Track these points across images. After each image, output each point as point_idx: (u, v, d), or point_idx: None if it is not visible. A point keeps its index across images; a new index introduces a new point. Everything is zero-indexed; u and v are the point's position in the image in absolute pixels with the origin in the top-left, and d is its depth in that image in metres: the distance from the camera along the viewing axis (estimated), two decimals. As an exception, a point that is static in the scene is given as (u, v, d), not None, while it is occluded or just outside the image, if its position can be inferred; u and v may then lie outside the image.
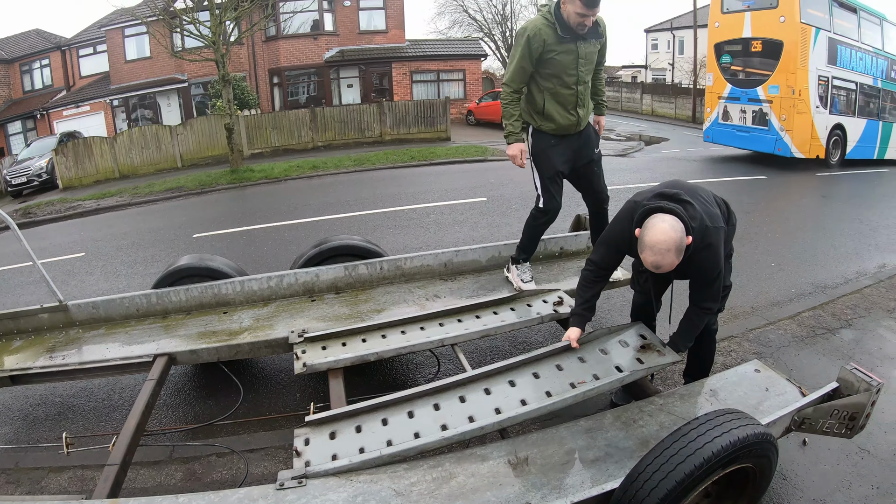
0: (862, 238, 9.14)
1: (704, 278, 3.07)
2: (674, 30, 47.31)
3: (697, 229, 2.84)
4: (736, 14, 14.28)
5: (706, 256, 2.94)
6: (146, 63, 25.96)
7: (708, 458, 2.21)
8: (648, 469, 2.24)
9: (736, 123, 14.89)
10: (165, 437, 3.89)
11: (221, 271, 4.59)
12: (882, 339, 5.43)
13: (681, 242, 2.75)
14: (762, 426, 2.45)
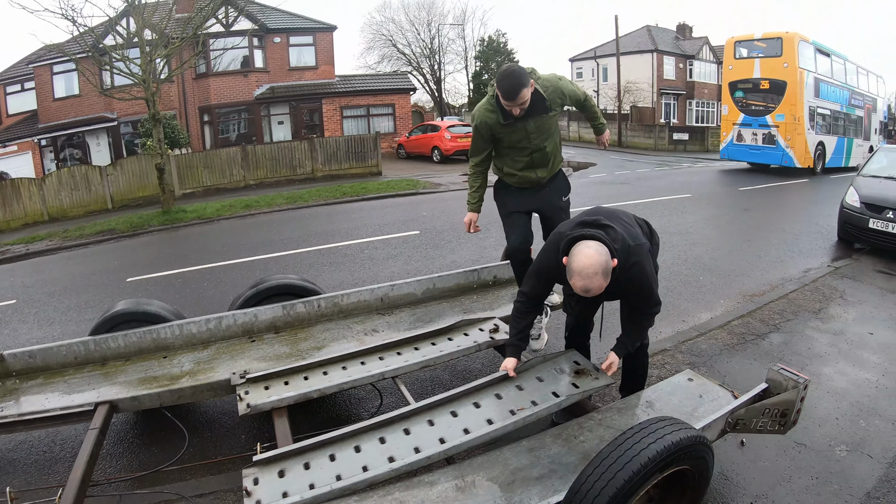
0: (785, 246, 9.64)
1: (641, 292, 3.26)
2: (597, 58, 48.85)
3: (621, 250, 3.04)
4: (747, 59, 18.93)
5: (636, 273, 3.14)
6: (75, 101, 25.32)
7: (645, 464, 2.36)
8: (590, 479, 2.37)
9: (748, 143, 19.60)
10: (112, 486, 3.79)
11: (159, 315, 4.54)
12: (810, 340, 5.77)
13: (606, 265, 2.92)
14: (694, 430, 2.63)
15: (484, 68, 50.73)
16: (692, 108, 48.74)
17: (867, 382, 5.01)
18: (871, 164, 10.68)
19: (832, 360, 5.39)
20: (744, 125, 19.51)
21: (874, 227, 9.03)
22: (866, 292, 7.47)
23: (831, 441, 4.11)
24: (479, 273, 5.30)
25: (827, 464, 3.86)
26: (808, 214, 12.49)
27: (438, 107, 46.25)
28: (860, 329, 6.18)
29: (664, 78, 46.67)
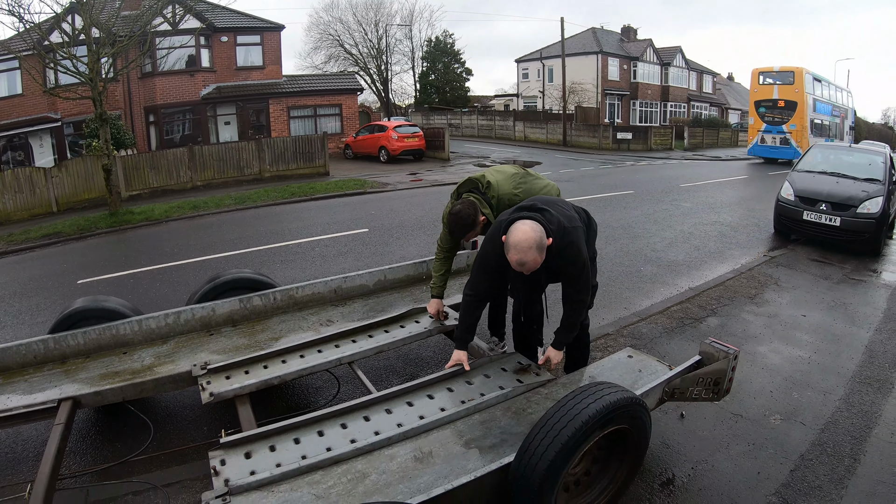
0: (724, 238, 10.07)
1: (572, 272, 3.44)
2: (543, 59, 49.55)
3: (556, 231, 3.27)
4: (768, 85, 26.09)
5: (570, 252, 3.34)
6: (17, 101, 24.36)
7: (586, 421, 2.59)
8: (537, 438, 2.59)
9: (769, 145, 26.37)
10: (79, 481, 3.78)
11: (118, 311, 4.56)
12: (745, 322, 6.11)
13: (541, 241, 3.15)
14: (630, 392, 2.88)
15: (431, 69, 51.02)
16: (636, 109, 49.82)
17: (800, 359, 5.36)
18: (806, 160, 11.25)
19: (766, 340, 5.73)
20: (766, 132, 26.34)
21: (808, 218, 9.53)
22: (800, 279, 7.89)
23: (766, 411, 4.42)
24: (427, 265, 5.51)
25: (762, 431, 4.16)
26: (745, 209, 13.04)
27: (385, 107, 46.35)
28: (793, 312, 6.56)
29: (609, 79, 47.59)
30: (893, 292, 7.53)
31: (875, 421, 4.39)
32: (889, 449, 4.04)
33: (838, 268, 8.61)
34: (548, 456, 2.52)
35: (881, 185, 9.56)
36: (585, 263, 3.43)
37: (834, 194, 9.50)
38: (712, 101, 58.14)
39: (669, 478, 3.64)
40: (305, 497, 2.59)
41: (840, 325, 6.26)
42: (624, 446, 3.06)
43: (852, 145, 12.57)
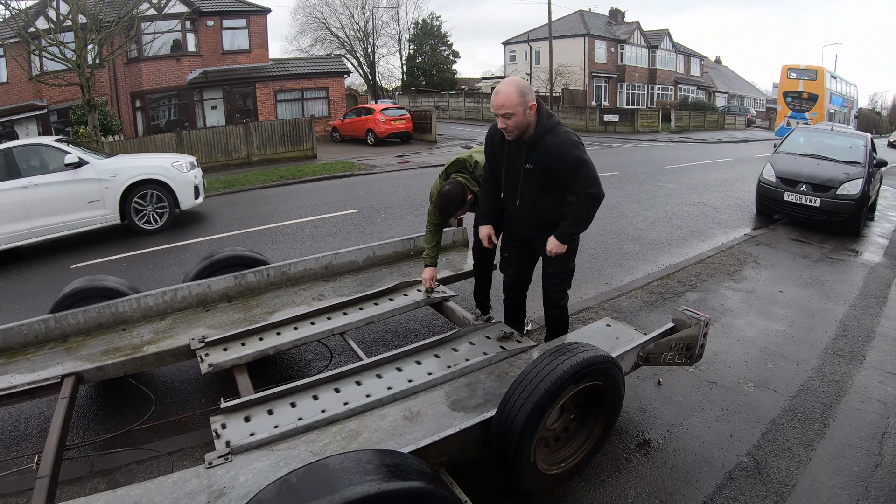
0: (706, 218, 10.27)
1: (569, 164, 3.53)
2: (531, 41, 49.52)
3: (547, 116, 3.55)
4: (794, 80, 29.93)
5: (561, 133, 3.54)
6: (3, 89, 24.08)
7: (561, 376, 2.79)
8: (516, 392, 2.79)
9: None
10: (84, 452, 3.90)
11: (116, 290, 4.66)
12: (723, 297, 6.32)
13: (523, 86, 3.44)
14: (603, 350, 3.07)
15: (418, 51, 50.86)
16: (623, 91, 49.98)
17: (775, 332, 5.57)
18: (788, 143, 11.46)
19: (743, 314, 5.94)
20: (791, 117, 29.22)
21: (789, 199, 9.75)
22: (779, 257, 8.11)
23: (740, 380, 4.64)
24: (415, 241, 5.68)
25: (736, 398, 4.38)
26: (728, 190, 13.26)
27: (372, 90, 46.23)
28: (771, 288, 6.77)
29: (596, 61, 47.67)
30: (870, 271, 7.77)
31: (846, 390, 4.61)
32: (858, 415, 4.25)
33: (818, 247, 8.83)
34: (526, 408, 2.71)
35: (861, 168, 9.77)
36: (579, 156, 3.51)
37: (814, 176, 9.71)
38: (699, 84, 58.37)
39: (646, 439, 3.84)
40: (303, 454, 2.76)
41: (816, 301, 6.47)
42: (599, 404, 3.25)
43: (834, 128, 12.79)
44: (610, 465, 3.58)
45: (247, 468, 2.69)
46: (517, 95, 3.39)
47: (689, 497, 3.34)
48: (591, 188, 3.53)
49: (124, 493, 2.55)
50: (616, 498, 3.31)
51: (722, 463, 3.64)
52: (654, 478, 3.48)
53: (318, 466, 2.16)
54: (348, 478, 2.07)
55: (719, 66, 69.44)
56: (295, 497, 2.03)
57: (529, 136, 3.56)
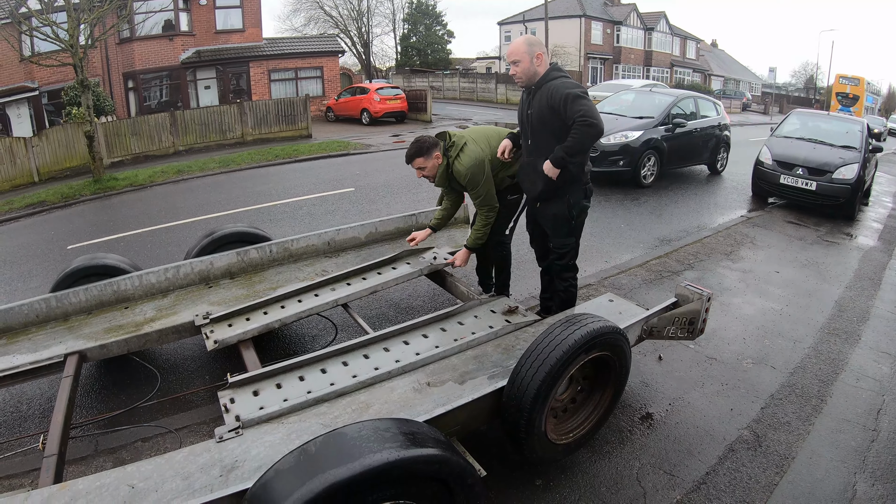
0: (702, 200, 10.30)
1: (561, 101, 3.66)
2: (526, 22, 49.16)
3: (554, 69, 3.84)
4: (843, 84, 37.45)
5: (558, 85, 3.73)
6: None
7: (572, 345, 2.84)
8: (528, 361, 2.84)
9: None
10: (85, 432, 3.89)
11: (117, 267, 4.64)
12: (721, 276, 6.39)
13: (532, 39, 3.88)
14: (611, 322, 3.11)
15: (412, 31, 50.50)
16: (619, 73, 49.76)
17: (772, 310, 5.63)
18: (785, 126, 11.49)
19: (741, 293, 6.01)
20: (840, 111, 32.76)
21: (785, 182, 9.79)
22: (775, 238, 8.17)
23: (739, 356, 4.71)
24: (416, 217, 5.69)
25: (735, 373, 4.45)
26: (724, 173, 13.27)
27: (366, 70, 45.90)
28: (767, 268, 6.84)
29: (592, 43, 47.47)
30: (865, 254, 7.85)
31: (842, 368, 4.69)
32: (854, 392, 4.34)
33: (813, 230, 8.90)
34: (538, 377, 2.76)
35: (857, 153, 9.80)
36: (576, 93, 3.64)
37: (810, 160, 9.75)
38: (695, 67, 58.23)
39: (649, 413, 3.92)
40: (314, 426, 2.78)
41: (812, 282, 6.54)
42: (607, 374, 3.31)
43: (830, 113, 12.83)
44: (614, 437, 3.65)
45: (258, 441, 2.71)
46: (525, 45, 3.79)
47: (691, 468, 3.41)
48: (587, 117, 3.58)
49: (135, 468, 2.55)
50: (621, 469, 3.38)
51: (723, 436, 3.71)
52: (658, 450, 3.55)
53: (336, 435, 2.19)
54: (367, 445, 2.10)
55: (715, 50, 69.26)
56: (314, 465, 2.05)
57: (534, 84, 3.83)
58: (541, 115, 3.79)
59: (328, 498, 1.96)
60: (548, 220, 4.07)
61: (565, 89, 3.65)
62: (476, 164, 4.23)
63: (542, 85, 3.79)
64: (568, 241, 4.07)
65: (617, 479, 3.30)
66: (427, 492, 2.30)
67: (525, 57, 3.75)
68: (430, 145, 4.32)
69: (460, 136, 4.44)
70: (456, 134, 4.46)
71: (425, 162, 4.34)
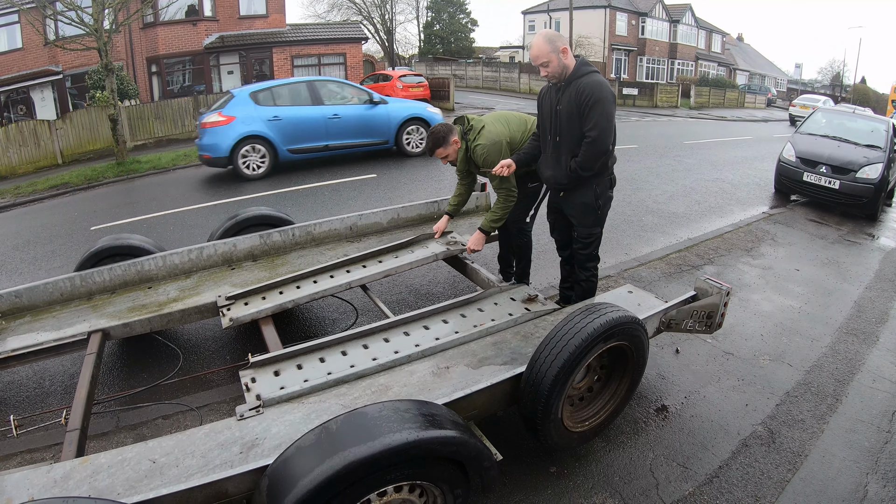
0: (724, 195, 10.26)
1: (586, 101, 3.66)
2: (550, 12, 48.86)
3: (583, 64, 3.77)
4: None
5: (590, 82, 3.67)
6: (18, 55, 23.93)
7: (590, 334, 2.86)
8: (547, 348, 2.87)
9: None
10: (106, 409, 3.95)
11: (142, 248, 4.72)
12: (741, 272, 6.37)
13: (551, 34, 3.75)
14: (630, 312, 3.12)
15: (436, 19, 50.38)
16: (643, 65, 49.41)
17: (791, 308, 5.61)
18: (809, 123, 11.34)
19: (760, 289, 5.99)
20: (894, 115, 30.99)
21: (808, 179, 9.70)
22: (796, 236, 8.11)
23: (756, 352, 4.71)
24: (439, 204, 5.73)
25: (752, 369, 4.46)
26: (747, 168, 13.19)
27: (389, 57, 45.87)
28: (788, 265, 6.80)
29: (616, 34, 47.10)
30: (887, 255, 7.77)
31: (858, 368, 4.67)
32: (870, 393, 4.32)
33: (835, 229, 8.82)
34: (557, 364, 2.78)
35: (882, 152, 9.68)
36: (598, 98, 3.64)
37: (834, 158, 9.63)
38: (720, 60, 57.65)
39: (664, 405, 3.94)
40: (334, 407, 2.83)
41: (832, 281, 6.50)
42: (624, 364, 3.34)
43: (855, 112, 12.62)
44: (629, 427, 3.68)
45: (278, 420, 2.77)
46: (546, 43, 3.68)
47: (705, 461, 3.42)
48: (592, 131, 3.67)
49: (156, 444, 2.60)
50: (635, 459, 3.40)
51: (737, 430, 3.72)
52: (672, 442, 3.58)
53: (357, 414, 2.24)
54: (387, 425, 2.15)
55: (741, 44, 68.52)
56: (335, 443, 2.11)
57: (565, 79, 3.78)
58: (569, 113, 3.77)
59: (348, 475, 2.02)
60: (575, 209, 4.05)
61: (592, 92, 3.63)
62: (493, 144, 4.33)
63: (571, 81, 3.74)
64: (594, 231, 4.08)
65: (630, 470, 3.33)
66: (444, 473, 2.35)
67: (552, 56, 3.69)
68: (445, 133, 4.43)
69: (479, 119, 4.49)
70: (475, 118, 4.50)
71: (445, 150, 4.46)
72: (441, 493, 2.44)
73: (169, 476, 2.40)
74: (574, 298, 4.39)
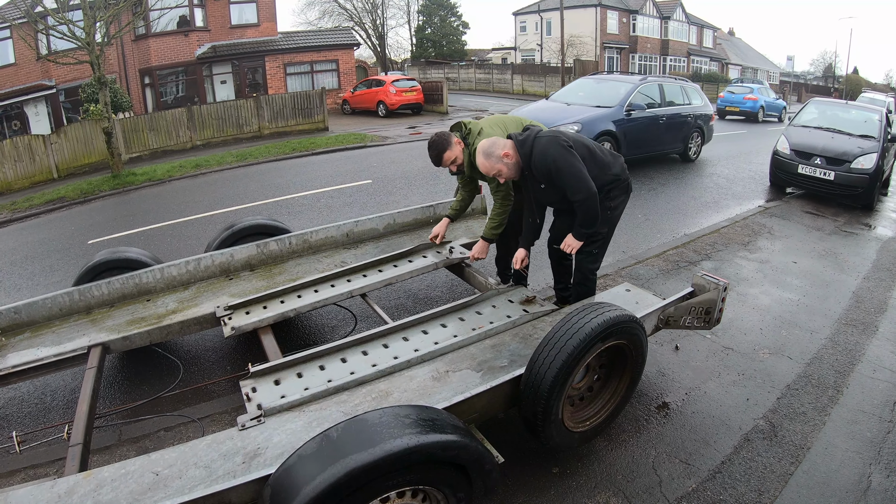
0: (720, 190, 10.28)
1: (553, 173, 3.69)
2: (541, 12, 48.90)
3: (521, 141, 3.79)
4: None
5: (542, 154, 3.70)
6: (11, 70, 23.93)
7: (588, 334, 2.87)
8: (545, 349, 2.88)
9: None
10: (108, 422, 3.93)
11: (139, 261, 4.73)
12: (738, 266, 6.39)
13: (484, 149, 3.79)
14: (627, 311, 3.14)
15: (427, 22, 50.43)
16: (635, 62, 49.40)
17: (789, 301, 5.63)
18: (803, 115, 11.36)
19: (758, 283, 6.00)
20: None
21: (803, 172, 9.73)
22: (793, 229, 8.13)
23: (755, 346, 4.72)
24: (434, 208, 5.76)
25: (751, 363, 4.47)
26: (742, 162, 13.22)
27: (382, 62, 45.88)
28: (785, 258, 6.81)
29: (607, 32, 47.11)
30: (883, 245, 7.79)
31: (858, 359, 4.68)
32: (871, 384, 4.33)
33: (831, 220, 8.85)
34: (555, 365, 2.79)
35: (876, 142, 9.69)
36: (560, 165, 3.64)
37: (829, 149, 9.66)
38: (712, 55, 57.67)
39: (665, 402, 3.95)
40: (335, 414, 2.84)
41: (829, 273, 6.52)
42: (623, 362, 3.35)
43: (848, 102, 12.67)
44: (631, 426, 3.69)
45: (280, 429, 2.77)
46: (486, 159, 3.78)
47: (707, 457, 3.43)
48: (577, 195, 3.68)
49: (159, 456, 2.61)
50: (637, 457, 3.41)
51: (739, 425, 3.73)
52: (674, 438, 3.58)
53: (357, 421, 2.25)
54: (388, 431, 2.16)
55: (732, 38, 68.54)
56: (337, 450, 2.11)
57: (524, 169, 3.83)
58: (550, 183, 3.78)
59: (350, 482, 2.03)
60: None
61: (547, 163, 3.67)
62: None
63: (529, 162, 3.77)
64: (601, 230, 4.05)
65: (633, 468, 3.34)
66: (446, 477, 2.36)
67: (499, 166, 3.77)
68: (446, 138, 4.40)
69: (476, 124, 4.50)
70: (472, 122, 4.51)
71: (451, 154, 4.43)
72: (444, 496, 2.45)
73: (172, 488, 2.41)
74: (572, 299, 4.39)
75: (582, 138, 3.99)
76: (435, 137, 4.46)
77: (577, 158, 3.67)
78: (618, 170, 3.98)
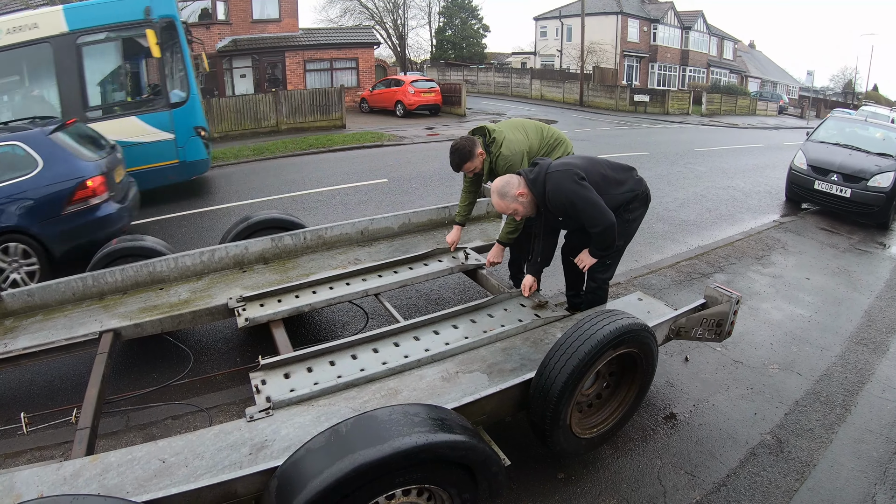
0: (735, 203, 10.24)
1: (569, 208, 3.66)
2: (562, 18, 48.89)
3: (533, 180, 3.71)
4: None
5: (555, 191, 3.65)
6: None
7: (600, 340, 2.87)
8: (557, 354, 2.88)
9: None
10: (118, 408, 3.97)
11: (154, 249, 4.78)
12: (751, 280, 6.37)
13: (499, 188, 3.75)
14: (639, 319, 3.13)
15: (448, 24, 50.48)
16: (654, 72, 49.28)
17: (800, 317, 5.60)
18: (821, 131, 11.28)
19: (770, 298, 5.98)
20: None
21: (819, 188, 9.66)
22: (807, 245, 8.09)
23: (765, 361, 4.71)
24: (449, 210, 5.76)
25: (761, 378, 4.45)
26: (759, 176, 13.15)
27: (401, 62, 45.97)
28: (798, 274, 6.78)
29: (628, 40, 47.01)
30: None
31: (868, 378, 4.65)
32: (879, 403, 4.30)
33: (845, 238, 8.78)
34: (566, 370, 2.80)
35: (893, 161, 9.59)
36: (576, 199, 3.60)
37: (846, 166, 9.58)
38: (732, 67, 57.46)
39: (672, 413, 3.94)
40: (343, 410, 2.86)
41: (842, 290, 6.48)
42: (633, 371, 3.35)
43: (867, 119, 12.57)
44: (637, 435, 3.69)
45: (288, 422, 2.79)
46: (502, 199, 3.77)
47: (713, 469, 3.43)
48: (595, 227, 3.66)
49: (166, 444, 2.63)
50: (643, 466, 3.41)
51: (745, 439, 3.73)
52: (680, 449, 3.58)
53: (367, 417, 2.26)
54: (397, 429, 2.17)
55: (753, 51, 68.26)
56: (345, 446, 2.13)
57: (539, 205, 3.81)
58: (567, 216, 3.79)
59: (357, 477, 2.04)
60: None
61: (562, 199, 3.64)
62: (515, 154, 4.40)
63: (543, 200, 3.73)
64: (618, 243, 4.01)
65: (638, 477, 3.34)
66: (452, 477, 2.37)
67: (515, 205, 3.76)
68: (470, 147, 4.42)
69: (499, 130, 4.52)
70: (494, 128, 4.52)
71: (473, 164, 4.48)
72: (449, 497, 2.46)
73: (178, 476, 2.43)
74: (583, 306, 4.38)
75: (593, 162, 3.96)
76: (460, 144, 4.46)
77: (591, 190, 3.64)
78: (633, 184, 3.99)
